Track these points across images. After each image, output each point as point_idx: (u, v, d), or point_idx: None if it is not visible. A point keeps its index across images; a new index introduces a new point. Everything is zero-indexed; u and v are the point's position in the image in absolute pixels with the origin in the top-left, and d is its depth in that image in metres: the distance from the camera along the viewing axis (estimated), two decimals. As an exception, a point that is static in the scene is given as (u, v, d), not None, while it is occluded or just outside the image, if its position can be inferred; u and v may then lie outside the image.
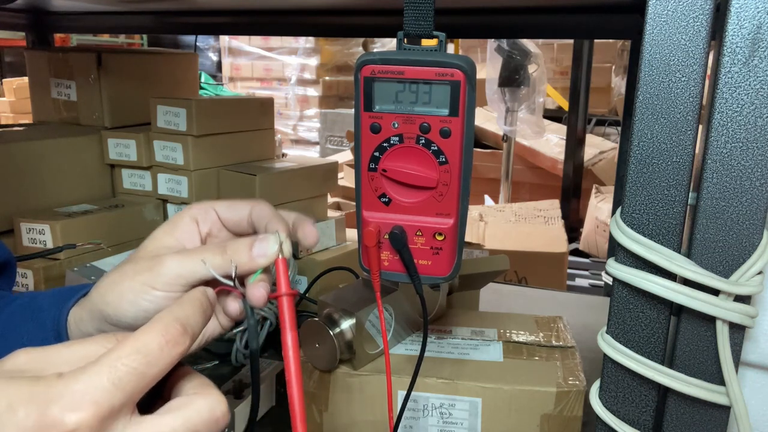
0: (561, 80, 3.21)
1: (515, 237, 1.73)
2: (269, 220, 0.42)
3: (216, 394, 0.31)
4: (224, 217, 0.44)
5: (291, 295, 0.38)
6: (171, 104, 0.98)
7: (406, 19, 0.42)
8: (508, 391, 0.60)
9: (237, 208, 0.43)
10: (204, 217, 0.43)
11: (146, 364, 0.29)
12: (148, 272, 0.39)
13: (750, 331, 0.38)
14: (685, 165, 0.35)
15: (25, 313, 0.44)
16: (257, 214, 0.43)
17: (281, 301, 0.38)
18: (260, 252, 0.39)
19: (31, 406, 0.27)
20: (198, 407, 0.30)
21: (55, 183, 0.98)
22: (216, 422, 0.31)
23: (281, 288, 0.38)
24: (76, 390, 0.27)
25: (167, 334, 0.30)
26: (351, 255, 1.00)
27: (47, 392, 0.27)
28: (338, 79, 4.51)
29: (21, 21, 1.30)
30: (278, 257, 0.39)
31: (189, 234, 0.43)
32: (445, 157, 0.43)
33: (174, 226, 0.43)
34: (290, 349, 0.37)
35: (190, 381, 0.33)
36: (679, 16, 0.33)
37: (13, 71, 4.57)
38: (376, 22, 1.08)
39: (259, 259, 0.39)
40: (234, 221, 0.44)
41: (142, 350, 0.29)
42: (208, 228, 0.43)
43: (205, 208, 0.44)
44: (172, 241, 0.42)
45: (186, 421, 0.30)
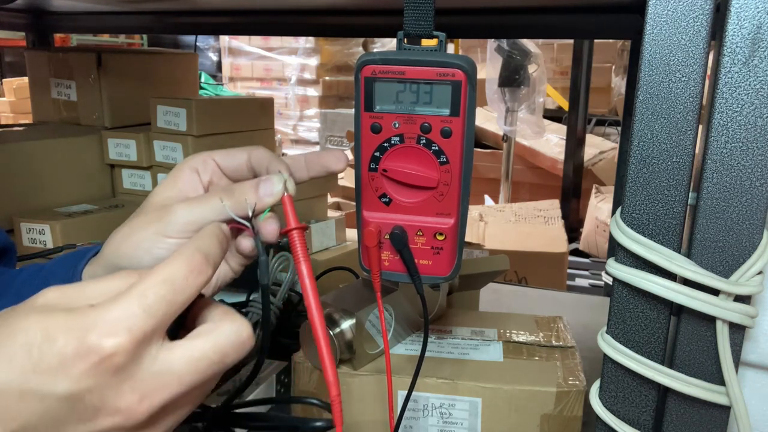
0: (561, 80, 3.21)
1: (515, 237, 1.73)
2: (269, 162, 0.43)
3: (241, 319, 0.33)
4: (223, 165, 0.45)
5: (301, 228, 0.40)
6: (171, 104, 0.98)
7: (406, 19, 0.42)
8: (508, 391, 0.60)
9: (235, 155, 0.44)
10: (203, 167, 0.44)
11: (173, 291, 0.30)
12: (158, 222, 0.41)
13: (750, 331, 0.38)
14: (685, 165, 0.35)
15: (35, 281, 0.45)
16: (256, 159, 0.44)
17: (292, 235, 0.40)
18: (267, 191, 0.41)
19: (69, 334, 0.28)
20: (226, 331, 0.32)
21: (55, 183, 0.98)
22: (242, 345, 0.32)
23: (290, 223, 0.40)
24: (111, 317, 0.28)
25: (191, 263, 0.31)
26: (351, 255, 1.00)
27: (83, 321, 0.28)
28: (338, 79, 4.51)
29: (21, 21, 1.30)
30: (284, 194, 0.41)
31: (191, 184, 0.44)
32: (445, 157, 0.43)
33: (175, 179, 0.44)
34: (306, 278, 0.38)
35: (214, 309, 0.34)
36: (679, 16, 0.33)
37: (13, 71, 4.57)
38: (376, 22, 1.08)
39: (267, 198, 0.40)
40: (233, 168, 0.45)
41: (168, 279, 0.30)
42: (208, 177, 0.44)
43: (204, 158, 0.45)
44: (176, 193, 0.44)
45: (215, 344, 0.31)
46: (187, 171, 0.44)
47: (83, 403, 0.28)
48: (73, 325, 0.28)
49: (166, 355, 0.30)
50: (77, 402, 0.28)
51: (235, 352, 0.32)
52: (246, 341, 0.32)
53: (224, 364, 0.31)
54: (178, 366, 0.30)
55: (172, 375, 0.30)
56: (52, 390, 0.28)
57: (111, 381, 0.28)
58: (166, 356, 0.30)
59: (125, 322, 0.28)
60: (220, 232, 0.35)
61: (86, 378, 0.28)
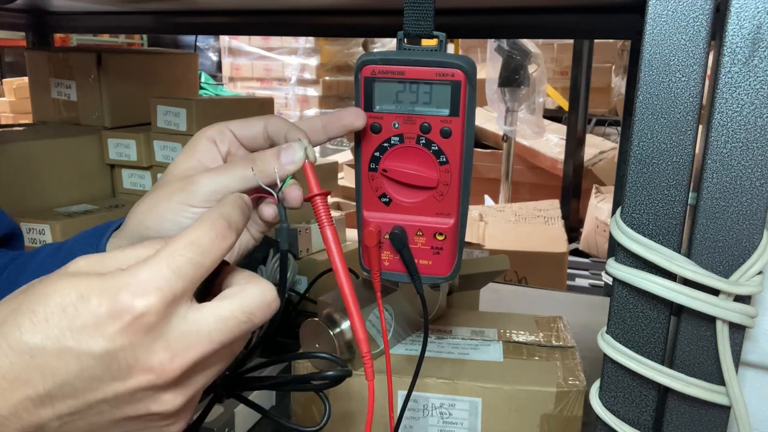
0: (561, 80, 3.21)
1: (515, 237, 1.73)
2: (287, 130, 0.43)
3: (266, 282, 0.34)
4: (240, 134, 0.45)
5: (324, 194, 0.41)
6: (171, 104, 0.98)
7: (406, 19, 0.42)
8: (508, 391, 0.60)
9: (251, 125, 0.45)
10: (221, 137, 0.45)
11: (201, 254, 0.31)
12: (182, 192, 0.41)
13: (750, 331, 0.38)
14: (685, 165, 0.35)
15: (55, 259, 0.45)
16: (273, 128, 0.44)
17: (316, 201, 0.40)
18: (288, 159, 0.41)
19: (103, 294, 0.29)
20: (252, 293, 0.32)
21: (55, 183, 0.98)
22: (268, 306, 0.33)
23: (313, 189, 0.41)
24: (141, 279, 0.29)
25: (215, 228, 0.32)
26: (351, 255, 1.00)
27: (115, 282, 0.29)
28: (338, 79, 4.50)
29: (21, 21, 1.30)
30: (305, 161, 0.41)
31: (210, 155, 0.44)
32: (445, 157, 0.43)
33: (194, 150, 0.44)
34: (332, 242, 0.40)
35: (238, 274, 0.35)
36: (679, 16, 0.33)
37: (13, 71, 4.57)
38: (376, 22, 1.08)
39: (288, 166, 0.41)
40: (250, 138, 0.45)
41: (195, 242, 0.31)
42: (226, 147, 0.45)
43: (220, 128, 0.45)
44: (195, 163, 0.44)
45: (242, 305, 0.32)
46: (204, 141, 0.45)
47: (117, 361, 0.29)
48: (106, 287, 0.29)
49: (195, 315, 0.31)
50: (112, 360, 0.29)
51: (261, 313, 0.33)
52: (271, 302, 0.33)
53: (252, 323, 0.32)
54: (207, 325, 0.31)
55: (202, 334, 0.30)
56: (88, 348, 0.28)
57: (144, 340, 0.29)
58: (195, 316, 0.31)
59: (155, 283, 0.29)
60: (242, 201, 0.36)
61: (120, 337, 0.29)
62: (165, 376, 0.30)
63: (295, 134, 0.42)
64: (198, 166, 0.44)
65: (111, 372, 0.29)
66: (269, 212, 0.43)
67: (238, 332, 0.32)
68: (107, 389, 0.29)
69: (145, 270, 0.30)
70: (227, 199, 0.36)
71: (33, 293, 0.29)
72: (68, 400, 0.29)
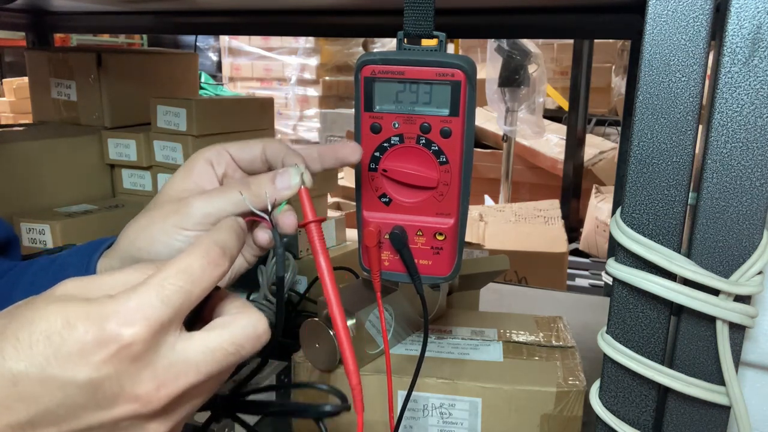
0: (561, 80, 3.21)
1: (515, 237, 1.73)
2: (284, 154, 0.43)
3: (257, 312, 0.33)
4: (237, 157, 0.45)
5: (319, 221, 0.40)
6: (171, 104, 0.98)
7: (406, 19, 0.42)
8: (508, 391, 0.60)
9: (249, 147, 0.44)
10: (218, 159, 0.44)
11: (191, 282, 0.31)
12: (176, 215, 0.41)
13: (750, 331, 0.38)
14: (685, 165, 0.35)
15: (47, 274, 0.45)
16: (271, 151, 0.44)
17: (310, 228, 0.40)
18: (284, 184, 0.41)
19: (89, 321, 0.28)
20: (242, 324, 0.32)
21: (55, 183, 0.98)
22: (258, 338, 0.33)
23: (308, 216, 0.40)
24: (129, 307, 0.29)
25: (208, 255, 0.32)
26: (351, 255, 1.00)
27: (102, 310, 0.29)
28: (338, 79, 4.50)
29: (21, 21, 1.30)
30: (301, 187, 0.41)
31: (206, 176, 0.44)
32: (445, 157, 0.43)
33: (190, 171, 0.44)
34: (325, 271, 0.39)
35: (231, 302, 0.34)
36: (679, 16, 0.33)
37: (13, 71, 4.57)
38: (376, 22, 1.08)
39: (284, 191, 0.41)
40: (248, 160, 0.45)
41: (186, 270, 0.31)
42: (223, 169, 0.44)
43: (218, 150, 0.45)
44: (191, 185, 0.44)
45: (232, 336, 0.32)
46: (201, 162, 0.44)
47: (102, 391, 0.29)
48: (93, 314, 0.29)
49: (183, 345, 0.30)
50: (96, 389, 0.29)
51: (250, 345, 0.32)
52: (261, 335, 0.33)
53: (240, 355, 0.32)
54: (195, 356, 0.30)
55: (189, 364, 0.30)
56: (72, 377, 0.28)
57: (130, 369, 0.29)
58: (183, 346, 0.30)
59: (143, 312, 0.29)
60: (237, 226, 0.35)
61: (105, 366, 0.28)
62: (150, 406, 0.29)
63: (293, 159, 0.42)
64: (193, 188, 0.43)
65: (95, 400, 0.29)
66: (264, 237, 0.43)
67: (226, 364, 0.31)
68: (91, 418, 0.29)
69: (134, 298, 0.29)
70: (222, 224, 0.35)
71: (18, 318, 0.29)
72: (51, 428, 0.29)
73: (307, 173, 0.41)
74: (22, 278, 0.46)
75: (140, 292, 0.30)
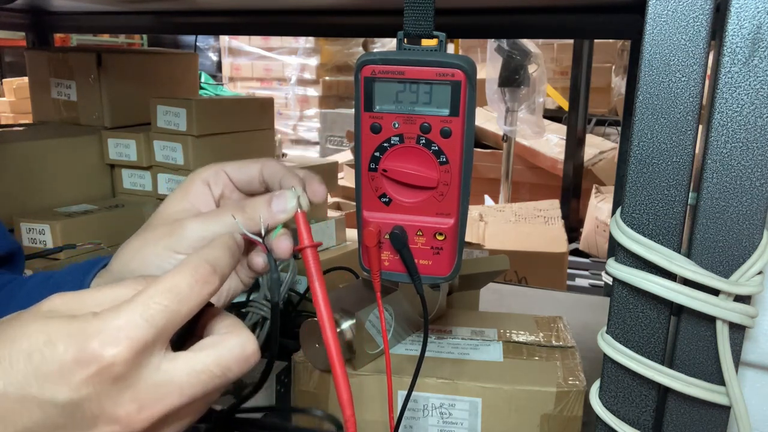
0: (561, 80, 3.21)
1: (515, 237, 1.73)
2: (282, 176, 0.42)
3: (247, 333, 0.32)
4: (235, 178, 0.44)
5: (314, 246, 0.39)
6: (171, 104, 0.98)
7: (406, 19, 0.42)
8: (508, 391, 0.60)
9: (247, 168, 0.44)
10: (215, 179, 0.44)
11: (177, 302, 0.30)
12: (169, 237, 0.40)
13: (750, 331, 0.38)
14: (685, 165, 0.35)
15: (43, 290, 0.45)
16: (269, 172, 0.43)
17: (306, 253, 0.39)
18: (280, 207, 0.40)
19: (70, 341, 0.28)
20: (230, 345, 0.31)
21: (55, 183, 0.98)
22: (246, 360, 0.32)
23: (304, 240, 0.40)
24: (112, 326, 0.28)
25: (196, 273, 0.31)
26: (351, 255, 1.00)
27: (85, 329, 0.28)
28: (338, 79, 4.50)
29: (21, 21, 1.30)
30: (297, 211, 0.40)
31: (203, 197, 0.43)
32: (445, 157, 0.43)
33: (186, 191, 0.43)
34: (320, 297, 0.38)
35: (221, 321, 0.34)
36: (679, 16, 0.33)
37: (13, 71, 4.57)
38: (376, 22, 1.08)
39: (280, 214, 0.40)
40: (245, 181, 0.44)
41: (173, 289, 0.30)
42: (220, 190, 0.44)
43: (216, 170, 0.44)
44: (187, 206, 0.43)
45: (218, 358, 0.31)
46: (198, 183, 0.43)
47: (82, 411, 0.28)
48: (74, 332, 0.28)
49: (167, 365, 0.30)
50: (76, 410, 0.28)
51: (238, 367, 0.31)
52: (250, 356, 0.32)
53: (226, 378, 0.31)
54: (179, 377, 0.30)
55: (173, 386, 0.29)
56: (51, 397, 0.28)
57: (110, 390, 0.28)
58: (167, 367, 0.30)
59: (126, 331, 0.28)
60: (232, 243, 0.35)
61: (85, 386, 0.28)
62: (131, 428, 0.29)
63: (290, 181, 0.42)
64: (190, 209, 0.43)
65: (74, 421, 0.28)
66: (259, 261, 0.42)
67: (212, 386, 0.31)
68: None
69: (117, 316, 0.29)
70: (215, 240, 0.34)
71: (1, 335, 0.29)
72: None
73: (304, 196, 0.41)
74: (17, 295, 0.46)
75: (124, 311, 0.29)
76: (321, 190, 0.43)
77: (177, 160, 0.99)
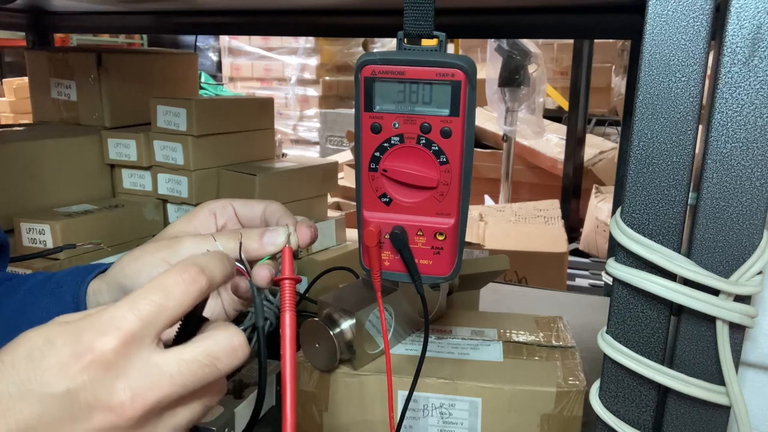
0: (561, 80, 3.21)
1: (515, 237, 1.73)
2: (280, 215, 0.46)
3: (234, 328, 0.34)
4: (240, 213, 0.48)
5: (293, 279, 0.41)
6: (171, 104, 0.98)
7: (406, 19, 0.42)
8: (508, 391, 0.60)
9: (252, 206, 0.48)
10: (222, 211, 0.48)
11: (164, 297, 0.32)
12: (167, 249, 0.43)
13: (750, 331, 0.38)
14: (685, 165, 0.35)
15: (44, 288, 0.47)
16: (270, 212, 0.47)
17: (284, 284, 0.41)
18: (270, 240, 0.43)
19: (67, 336, 0.30)
20: (218, 337, 0.33)
21: (55, 183, 0.98)
22: (234, 350, 0.33)
23: (285, 272, 0.42)
24: (103, 320, 0.31)
25: (184, 272, 0.33)
26: (351, 255, 1.00)
27: (78, 325, 0.31)
28: (338, 79, 4.50)
29: (21, 21, 1.30)
30: (285, 246, 0.43)
31: (206, 224, 0.47)
32: (445, 157, 0.43)
33: (193, 216, 0.47)
34: (287, 327, 0.39)
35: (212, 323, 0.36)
36: (679, 16, 0.33)
37: (13, 71, 4.57)
38: (376, 22, 1.08)
39: (268, 246, 0.43)
40: (249, 217, 0.48)
41: (159, 286, 0.32)
42: (224, 221, 0.48)
43: (223, 203, 0.48)
44: (191, 229, 0.47)
45: (207, 349, 0.32)
46: (205, 211, 0.47)
47: (78, 401, 0.29)
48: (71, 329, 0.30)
49: (157, 357, 0.31)
50: (72, 400, 0.29)
51: (227, 357, 0.33)
52: (237, 347, 0.33)
53: (216, 368, 0.33)
54: (168, 366, 0.31)
55: (163, 374, 0.31)
56: (49, 389, 0.29)
57: (104, 378, 0.30)
58: (158, 358, 0.31)
59: (115, 322, 0.30)
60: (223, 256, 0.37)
61: (80, 375, 0.29)
62: (125, 416, 0.30)
63: (286, 221, 0.45)
64: (192, 232, 0.46)
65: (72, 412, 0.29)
66: (241, 285, 0.45)
67: (201, 375, 0.32)
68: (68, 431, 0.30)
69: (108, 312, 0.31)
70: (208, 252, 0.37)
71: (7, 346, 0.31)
72: None
73: (295, 236, 0.44)
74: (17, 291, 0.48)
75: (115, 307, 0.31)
76: (307, 235, 0.46)
77: (177, 160, 0.99)
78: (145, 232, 1.01)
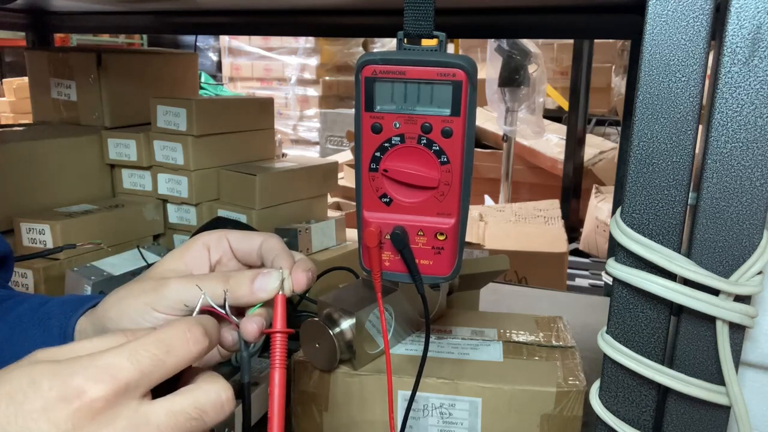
0: (561, 80, 3.21)
1: (515, 237, 1.73)
2: (277, 254, 0.43)
3: (222, 381, 0.34)
4: (236, 246, 0.45)
5: (285, 332, 0.39)
6: (171, 104, 0.98)
7: (406, 19, 0.42)
8: (508, 391, 0.60)
9: (249, 239, 0.45)
10: (216, 244, 0.45)
11: (165, 352, 0.31)
12: (152, 293, 0.41)
13: (750, 331, 0.38)
14: (685, 165, 0.35)
15: (33, 317, 0.45)
16: (267, 248, 0.43)
17: (274, 338, 0.39)
18: (261, 286, 0.40)
19: (55, 379, 0.29)
20: (205, 390, 0.33)
21: (55, 183, 0.98)
22: (221, 405, 0.33)
23: (276, 324, 0.39)
24: (99, 365, 0.29)
25: (190, 331, 0.32)
26: (351, 255, 1.00)
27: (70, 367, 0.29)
28: (338, 79, 4.50)
29: (21, 21, 1.30)
30: (278, 293, 0.40)
31: (199, 260, 0.44)
32: (446, 157, 0.43)
33: (185, 251, 0.44)
34: (276, 386, 0.38)
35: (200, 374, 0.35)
36: (679, 16, 0.33)
37: (13, 71, 4.57)
38: (376, 22, 1.08)
39: (260, 293, 0.40)
40: (245, 251, 0.45)
41: (164, 340, 0.31)
42: (218, 256, 0.45)
43: (219, 236, 0.45)
44: (181, 265, 0.44)
45: (194, 401, 0.32)
46: (199, 245, 0.44)
47: None
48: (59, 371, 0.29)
49: (146, 407, 0.30)
50: None
51: (214, 411, 0.32)
52: (225, 402, 0.33)
53: (203, 421, 0.32)
54: (156, 419, 0.30)
55: (150, 425, 0.30)
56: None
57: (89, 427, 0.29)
58: (146, 409, 0.30)
59: (111, 371, 0.29)
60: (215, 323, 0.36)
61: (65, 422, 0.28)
62: None
63: (282, 262, 0.42)
64: (183, 269, 0.44)
65: None
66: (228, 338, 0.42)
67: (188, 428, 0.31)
68: None
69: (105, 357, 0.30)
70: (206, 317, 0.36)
71: None
72: None
73: (289, 280, 0.41)
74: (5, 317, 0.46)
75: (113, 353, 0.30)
76: (303, 280, 0.42)
77: (177, 160, 0.99)
78: (145, 232, 1.01)
